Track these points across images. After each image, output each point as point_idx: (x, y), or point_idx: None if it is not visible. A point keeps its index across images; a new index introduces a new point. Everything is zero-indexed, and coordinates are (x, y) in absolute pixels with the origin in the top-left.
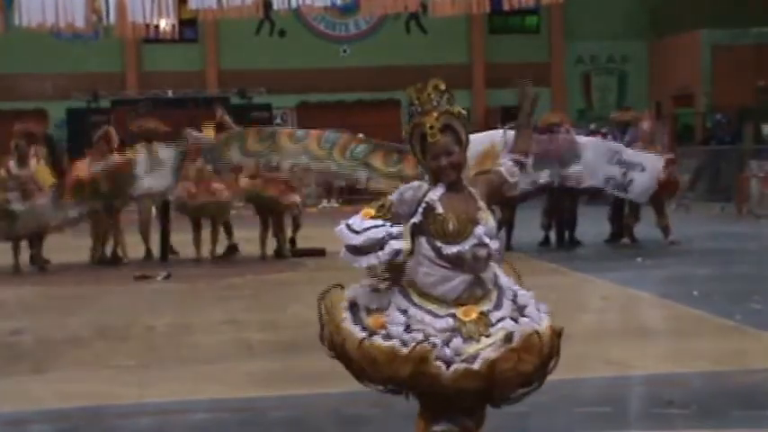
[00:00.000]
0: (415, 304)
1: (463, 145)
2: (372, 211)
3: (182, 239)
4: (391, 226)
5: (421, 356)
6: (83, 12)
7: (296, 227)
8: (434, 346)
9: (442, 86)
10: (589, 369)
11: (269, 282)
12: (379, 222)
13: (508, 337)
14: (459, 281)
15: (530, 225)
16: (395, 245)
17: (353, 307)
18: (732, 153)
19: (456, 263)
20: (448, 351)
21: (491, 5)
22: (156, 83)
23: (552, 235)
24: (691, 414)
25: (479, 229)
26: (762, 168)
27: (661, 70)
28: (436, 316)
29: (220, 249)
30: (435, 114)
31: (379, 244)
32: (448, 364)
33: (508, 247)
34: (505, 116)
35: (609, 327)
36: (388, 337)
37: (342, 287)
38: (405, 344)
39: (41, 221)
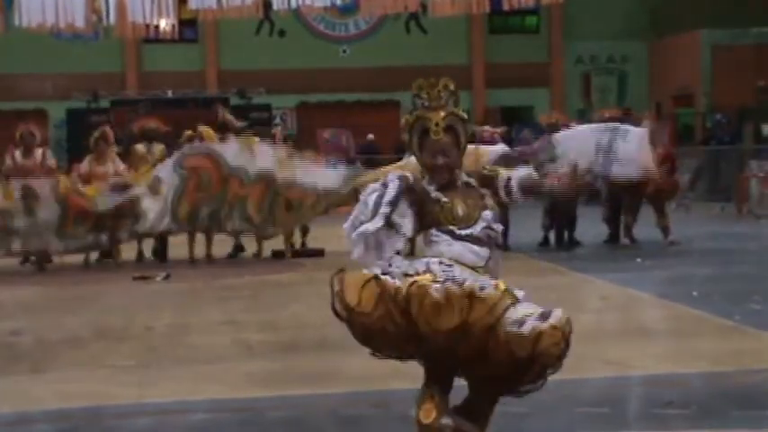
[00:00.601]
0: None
1: (461, 149)
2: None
3: (180, 239)
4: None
5: (471, 292)
6: (83, 12)
7: (305, 231)
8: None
9: (452, 87)
10: (588, 369)
11: (268, 282)
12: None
13: (545, 315)
14: (482, 250)
15: (529, 225)
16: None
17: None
18: (732, 153)
19: (472, 240)
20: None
21: (491, 5)
22: (155, 83)
23: (552, 235)
24: (690, 414)
25: (488, 214)
26: (762, 168)
27: (661, 70)
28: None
29: (224, 250)
30: (443, 113)
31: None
32: None
33: (505, 247)
34: (505, 116)
35: (608, 327)
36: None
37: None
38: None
39: (41, 244)
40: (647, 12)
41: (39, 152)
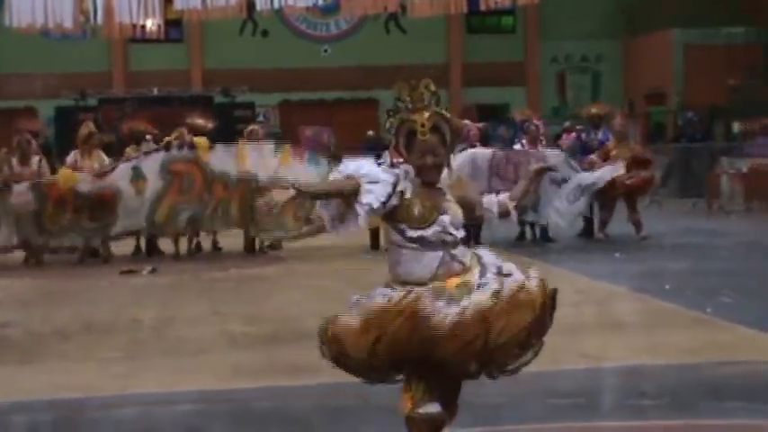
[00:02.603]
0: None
1: (447, 147)
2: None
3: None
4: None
5: (412, 307)
6: (71, 13)
7: None
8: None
9: (432, 87)
10: (564, 361)
11: (251, 276)
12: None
13: (496, 293)
14: (430, 257)
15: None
16: (365, 200)
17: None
18: (703, 150)
19: (422, 243)
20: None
21: (468, 6)
22: (142, 82)
23: (528, 230)
24: (663, 405)
25: (445, 218)
26: (732, 165)
27: (634, 69)
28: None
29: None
30: (427, 114)
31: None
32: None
33: (477, 243)
34: (481, 114)
35: (584, 320)
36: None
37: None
38: (392, 298)
39: (21, 236)
40: (620, 12)
41: (35, 159)
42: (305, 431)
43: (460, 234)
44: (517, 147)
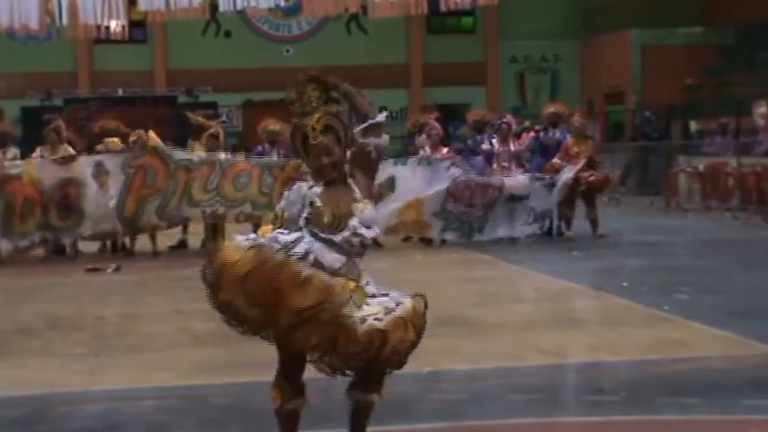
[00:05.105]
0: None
1: (343, 144)
2: (268, 227)
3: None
4: (288, 233)
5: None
6: (37, 14)
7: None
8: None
9: (325, 81)
10: (522, 358)
11: None
12: (282, 231)
13: (389, 310)
14: (335, 258)
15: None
16: (302, 247)
17: None
18: (661, 149)
19: (330, 244)
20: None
21: (429, 7)
22: (107, 82)
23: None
24: (620, 401)
25: (353, 221)
26: (690, 164)
27: (592, 69)
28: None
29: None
30: (316, 116)
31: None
32: None
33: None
34: (441, 113)
35: (542, 317)
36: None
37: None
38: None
39: None
40: (578, 12)
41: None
42: (266, 427)
43: (371, 233)
44: (485, 146)
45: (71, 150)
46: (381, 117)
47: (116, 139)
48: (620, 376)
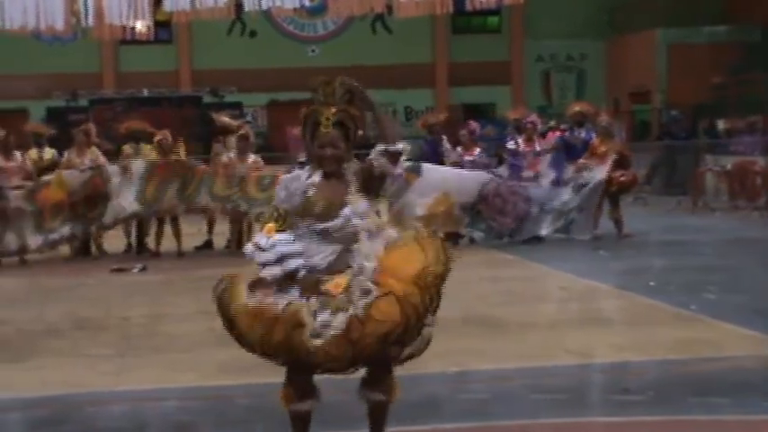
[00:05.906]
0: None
1: (350, 143)
2: (272, 225)
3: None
4: (293, 241)
5: (295, 319)
6: (62, 14)
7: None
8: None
9: (350, 84)
10: (548, 358)
11: None
12: (283, 237)
13: (363, 293)
14: (329, 250)
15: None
16: (293, 263)
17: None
18: (688, 148)
19: (324, 236)
20: (317, 324)
21: (454, 6)
22: (132, 82)
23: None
24: (646, 401)
25: (347, 210)
26: (717, 163)
27: (618, 68)
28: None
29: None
30: (334, 109)
31: (284, 257)
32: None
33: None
34: (466, 113)
35: (568, 317)
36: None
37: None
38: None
39: (20, 243)
40: (605, 11)
41: (18, 154)
42: (290, 428)
43: (363, 224)
44: (510, 144)
45: (99, 154)
46: (400, 147)
47: (148, 146)
48: (647, 376)
